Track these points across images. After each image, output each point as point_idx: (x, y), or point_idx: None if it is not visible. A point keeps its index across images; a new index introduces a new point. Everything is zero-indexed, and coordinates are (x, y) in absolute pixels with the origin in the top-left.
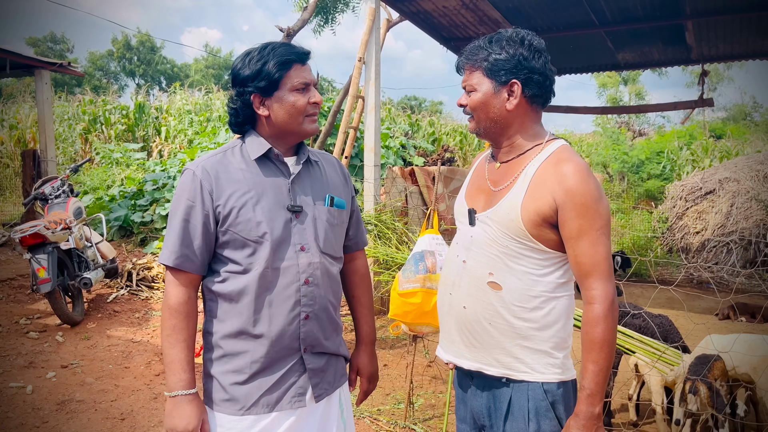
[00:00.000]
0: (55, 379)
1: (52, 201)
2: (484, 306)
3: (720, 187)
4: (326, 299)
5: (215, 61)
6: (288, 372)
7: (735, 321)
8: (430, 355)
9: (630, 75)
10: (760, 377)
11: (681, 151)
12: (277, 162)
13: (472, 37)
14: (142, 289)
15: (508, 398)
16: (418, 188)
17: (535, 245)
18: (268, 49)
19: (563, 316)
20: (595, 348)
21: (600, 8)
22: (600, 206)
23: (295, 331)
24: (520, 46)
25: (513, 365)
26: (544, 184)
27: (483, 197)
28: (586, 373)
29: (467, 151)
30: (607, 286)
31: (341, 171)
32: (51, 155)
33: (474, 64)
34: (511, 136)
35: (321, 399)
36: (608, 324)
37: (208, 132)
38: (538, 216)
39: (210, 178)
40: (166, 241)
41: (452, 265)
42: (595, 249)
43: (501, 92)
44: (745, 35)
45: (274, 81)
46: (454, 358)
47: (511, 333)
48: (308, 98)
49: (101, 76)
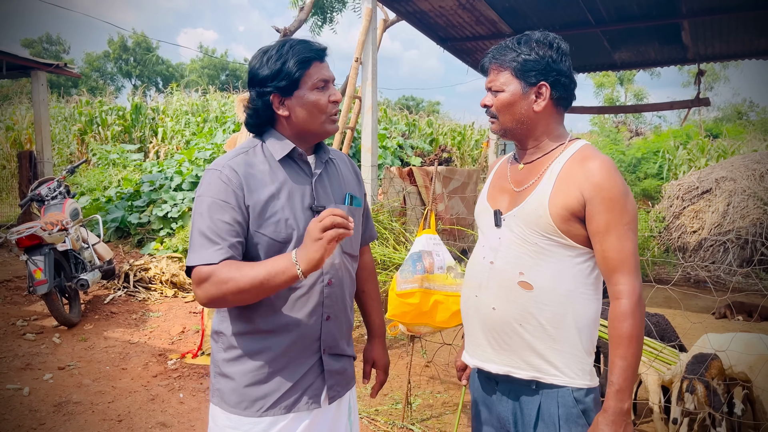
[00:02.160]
0: (52, 381)
1: (48, 202)
2: (515, 306)
3: (716, 186)
4: (345, 300)
5: (211, 62)
6: (307, 373)
7: (732, 320)
8: (428, 356)
9: (625, 75)
10: (756, 376)
11: (677, 151)
12: (300, 162)
13: (468, 37)
14: (139, 291)
15: (537, 405)
16: (417, 188)
17: (564, 241)
18: (287, 47)
19: (593, 317)
20: (623, 343)
21: (596, 7)
22: (627, 201)
23: (317, 332)
24: (549, 49)
25: (543, 367)
26: (572, 180)
27: (506, 198)
28: (614, 369)
29: (465, 152)
30: (635, 281)
31: (353, 168)
32: (47, 156)
33: (502, 65)
34: (538, 137)
35: (334, 401)
36: (636, 319)
37: (205, 133)
38: (566, 210)
39: (239, 177)
40: (197, 244)
41: (478, 266)
42: (623, 244)
43: (529, 94)
44: (741, 34)
45: (295, 80)
46: (480, 362)
47: (543, 334)
48: (329, 96)
49: (98, 77)
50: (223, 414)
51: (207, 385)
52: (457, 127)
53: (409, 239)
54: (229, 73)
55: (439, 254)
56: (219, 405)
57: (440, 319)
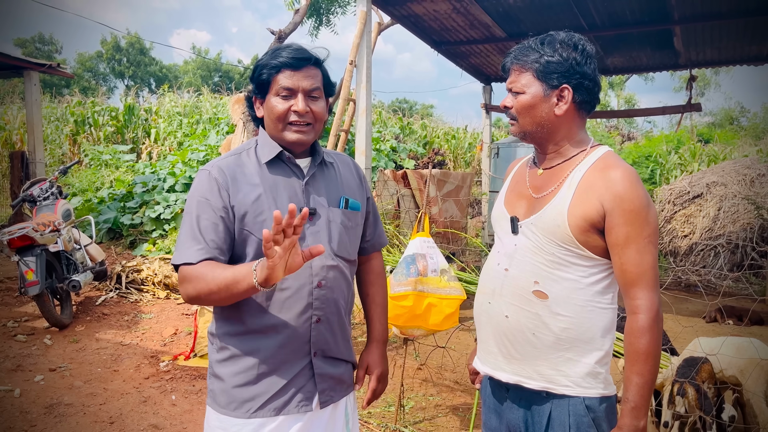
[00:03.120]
0: (44, 383)
1: (40, 203)
2: (529, 316)
3: (708, 191)
4: (338, 303)
5: (205, 63)
6: (297, 376)
7: (722, 324)
8: (421, 358)
9: (615, 80)
10: (746, 379)
11: (669, 156)
12: (290, 164)
13: (462, 41)
14: (131, 292)
15: (547, 413)
16: (411, 191)
17: (582, 252)
18: (274, 50)
19: (608, 328)
20: (640, 359)
21: (589, 13)
22: (649, 214)
23: (306, 334)
24: (574, 50)
25: (555, 378)
26: (592, 189)
27: (524, 204)
28: (630, 385)
29: (458, 155)
30: (653, 296)
31: (356, 171)
32: (39, 157)
33: (524, 66)
34: (558, 142)
35: (326, 405)
36: (654, 335)
37: (198, 134)
38: (586, 222)
39: (226, 177)
40: (180, 242)
41: (492, 272)
42: (642, 257)
43: (551, 96)
44: (732, 41)
45: (263, 83)
46: (491, 370)
47: (556, 344)
48: (290, 105)
49: (90, 77)
50: (214, 414)
51: (199, 387)
52: (451, 130)
53: (403, 242)
54: (223, 74)
55: (433, 257)
56: (211, 405)
57: (433, 321)
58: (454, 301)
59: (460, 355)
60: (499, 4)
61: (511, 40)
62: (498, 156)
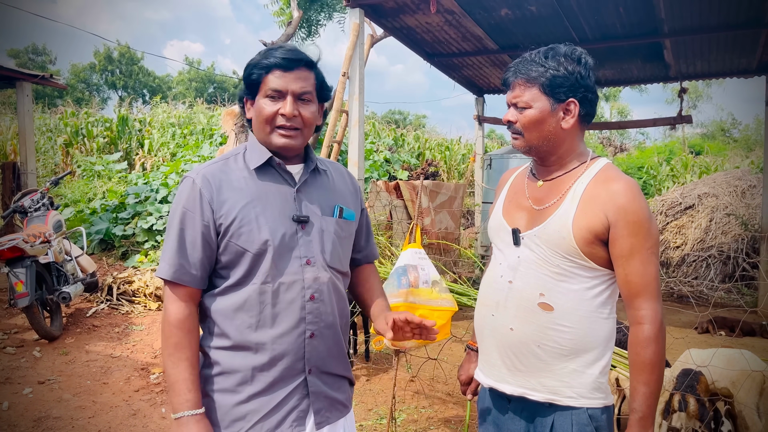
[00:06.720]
0: (32, 396)
1: (31, 214)
2: (534, 328)
3: (699, 202)
4: (333, 317)
5: (198, 74)
6: (290, 394)
7: (714, 335)
8: (413, 370)
9: (611, 92)
10: (738, 391)
11: (661, 167)
12: (280, 170)
13: (455, 53)
14: (122, 304)
15: (550, 424)
16: (403, 202)
17: (586, 263)
18: (266, 50)
19: (609, 338)
20: (646, 370)
21: (580, 26)
22: (651, 225)
23: (300, 350)
24: (578, 64)
25: (559, 390)
26: (596, 201)
27: (525, 215)
28: (637, 396)
29: (451, 166)
30: (657, 306)
31: (351, 181)
32: (31, 168)
33: (528, 80)
34: (561, 155)
35: (323, 426)
36: (659, 345)
37: (191, 145)
38: (590, 233)
39: (211, 187)
40: (164, 254)
41: (495, 285)
42: (646, 268)
43: (557, 111)
44: (721, 53)
45: (254, 84)
46: (495, 383)
47: (561, 355)
48: (278, 108)
49: (84, 88)
50: None
51: None
52: (444, 141)
53: (395, 253)
54: (217, 85)
55: (425, 269)
56: None
57: None
58: (445, 312)
59: (452, 367)
60: (491, 16)
61: (503, 52)
62: (491, 167)
